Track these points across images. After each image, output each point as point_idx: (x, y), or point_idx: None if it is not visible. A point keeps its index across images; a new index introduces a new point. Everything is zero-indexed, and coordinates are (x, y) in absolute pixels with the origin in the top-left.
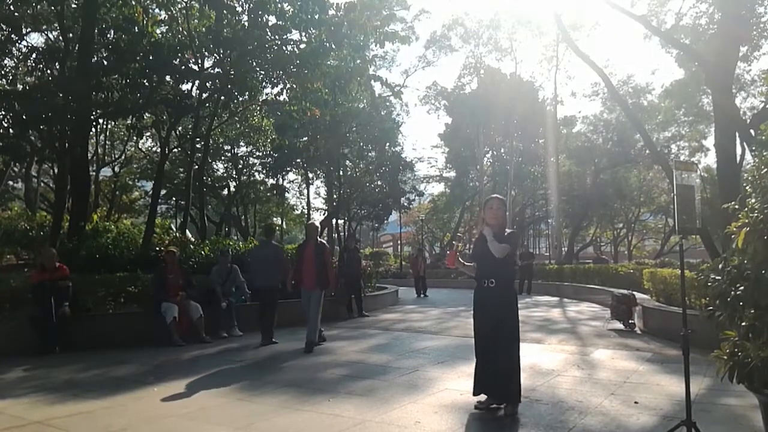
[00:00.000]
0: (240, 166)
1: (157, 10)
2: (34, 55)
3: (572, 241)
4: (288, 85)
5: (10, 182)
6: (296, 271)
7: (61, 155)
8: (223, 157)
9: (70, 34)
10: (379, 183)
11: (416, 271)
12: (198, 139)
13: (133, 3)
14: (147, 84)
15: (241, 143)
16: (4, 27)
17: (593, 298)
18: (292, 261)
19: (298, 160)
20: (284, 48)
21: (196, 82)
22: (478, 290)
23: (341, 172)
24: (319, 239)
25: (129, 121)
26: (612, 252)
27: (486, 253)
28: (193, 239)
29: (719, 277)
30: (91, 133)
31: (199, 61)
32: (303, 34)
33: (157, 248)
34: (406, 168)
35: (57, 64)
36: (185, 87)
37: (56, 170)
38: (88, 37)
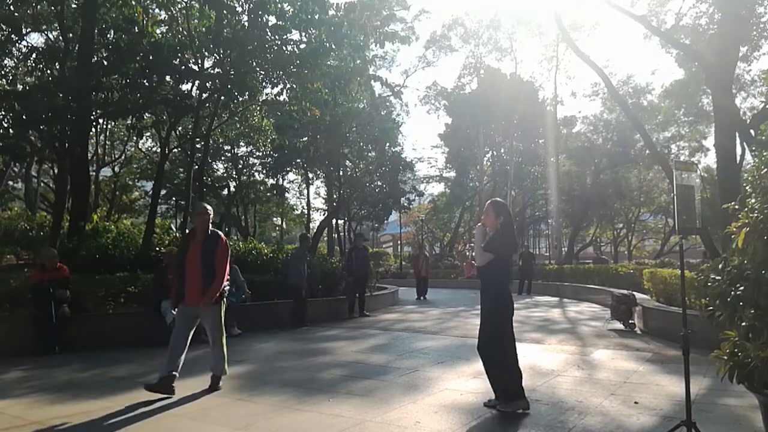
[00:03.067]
0: (240, 166)
1: (157, 10)
2: (34, 55)
3: (572, 242)
4: (288, 85)
5: (10, 182)
6: (177, 278)
7: (61, 155)
8: (223, 157)
9: (70, 34)
10: (379, 183)
11: (417, 272)
12: (198, 139)
13: (133, 3)
14: (147, 84)
15: (241, 143)
16: (4, 27)
17: (593, 298)
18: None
19: (298, 160)
20: (284, 48)
21: (196, 82)
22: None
23: (341, 172)
24: (211, 229)
25: (129, 121)
26: (612, 252)
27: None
28: None
29: (719, 277)
30: (91, 133)
31: (199, 61)
32: (303, 34)
33: (157, 248)
34: (406, 168)
35: (57, 64)
36: (185, 87)
37: (56, 170)
38: (88, 37)
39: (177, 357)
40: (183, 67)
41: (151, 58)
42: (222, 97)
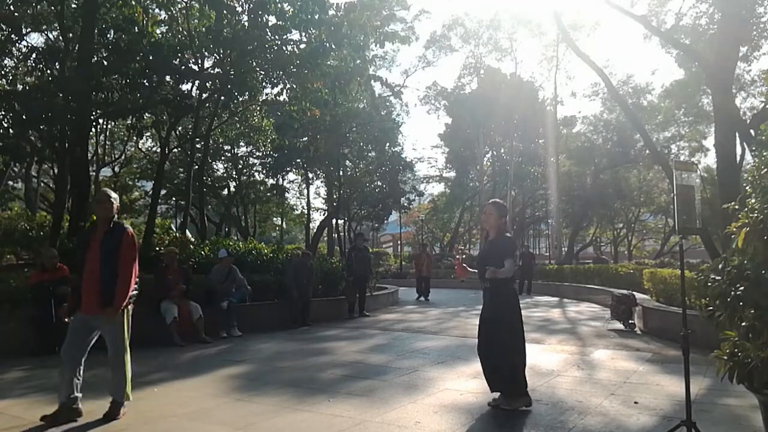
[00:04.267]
0: (240, 166)
1: (157, 10)
2: (34, 55)
3: (572, 242)
4: (288, 85)
5: (10, 182)
6: (75, 281)
7: (61, 155)
8: (223, 157)
9: (70, 34)
10: (379, 183)
11: (419, 271)
12: (198, 139)
13: (133, 3)
14: (147, 84)
15: (241, 143)
16: (4, 27)
17: (593, 298)
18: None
19: (298, 160)
20: (284, 48)
21: (196, 82)
22: (483, 291)
23: (341, 172)
24: (117, 220)
25: (129, 121)
26: (612, 252)
27: (483, 257)
28: (193, 239)
29: (719, 277)
30: (91, 133)
31: (199, 61)
32: (303, 34)
33: (157, 248)
34: (406, 168)
35: (57, 64)
36: (185, 87)
37: (56, 170)
38: (88, 37)
39: (72, 377)
40: (183, 67)
41: (151, 58)
42: (222, 97)
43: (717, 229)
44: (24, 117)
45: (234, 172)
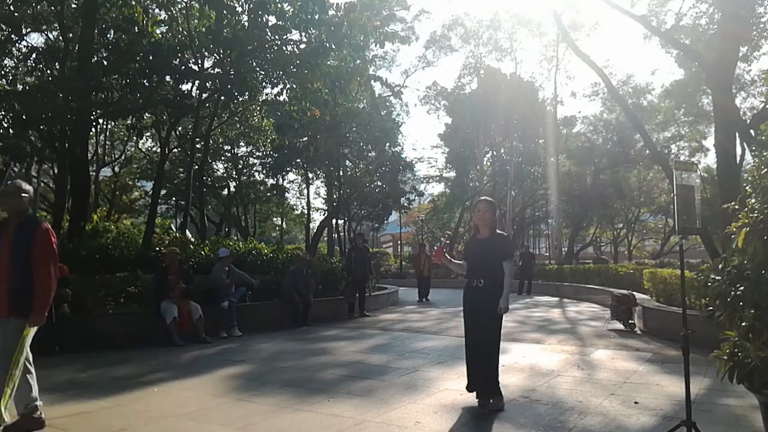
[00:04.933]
0: (240, 166)
1: (157, 10)
2: (34, 55)
3: (572, 242)
4: (288, 85)
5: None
6: None
7: (61, 155)
8: (223, 157)
9: (70, 34)
10: (379, 183)
11: (419, 271)
12: (198, 139)
13: (133, 3)
14: (147, 84)
15: (241, 143)
16: (4, 27)
17: (593, 298)
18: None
19: (298, 160)
20: (284, 48)
21: (196, 82)
22: (467, 289)
23: (341, 172)
24: (28, 214)
25: (129, 121)
26: (612, 252)
27: (477, 254)
28: (193, 239)
29: (719, 277)
30: (91, 133)
31: (199, 61)
32: (303, 34)
33: (157, 248)
34: (406, 168)
35: (57, 64)
36: (185, 87)
37: (56, 170)
38: (88, 37)
39: (24, 385)
40: (183, 67)
41: (151, 58)
42: (222, 97)
43: (717, 229)
44: (24, 117)
45: (234, 172)
